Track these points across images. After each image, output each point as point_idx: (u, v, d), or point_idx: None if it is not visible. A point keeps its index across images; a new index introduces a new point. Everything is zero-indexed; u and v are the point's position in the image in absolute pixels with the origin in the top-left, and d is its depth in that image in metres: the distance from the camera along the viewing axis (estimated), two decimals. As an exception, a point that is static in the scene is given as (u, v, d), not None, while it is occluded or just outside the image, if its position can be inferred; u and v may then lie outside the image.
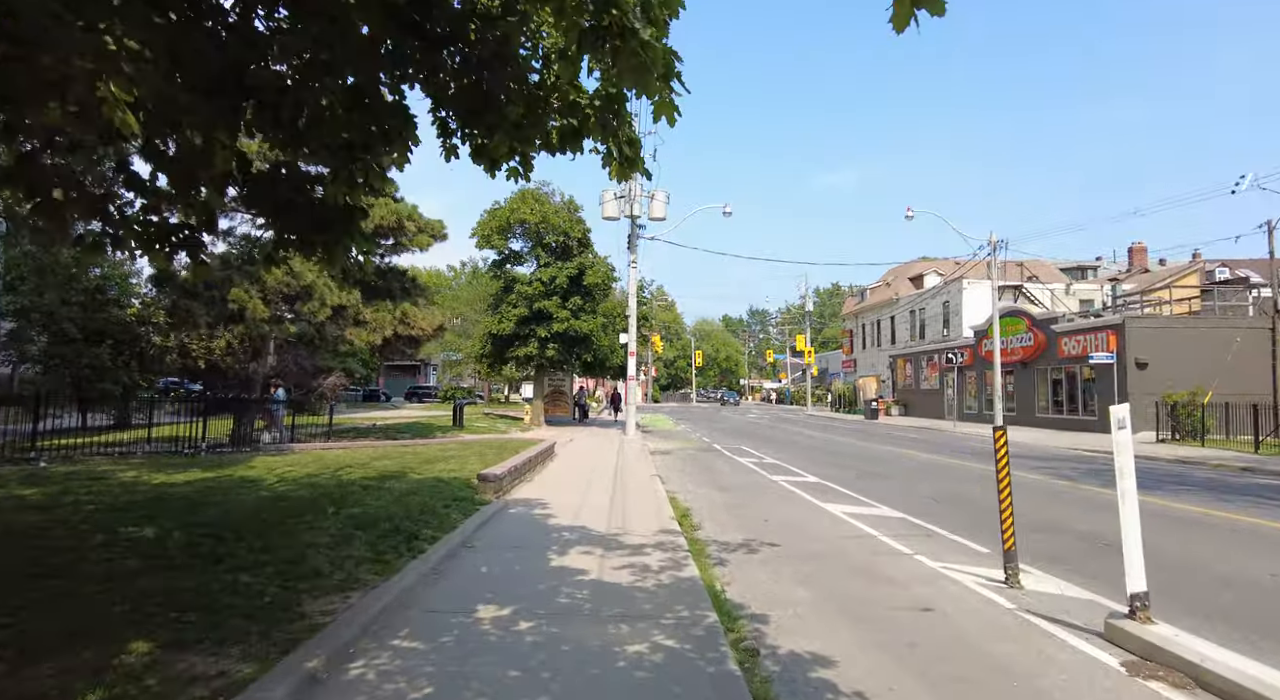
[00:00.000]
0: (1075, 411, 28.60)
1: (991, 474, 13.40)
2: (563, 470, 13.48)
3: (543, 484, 11.43)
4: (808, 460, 16.61)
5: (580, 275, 29.33)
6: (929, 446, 21.01)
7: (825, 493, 11.31)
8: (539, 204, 29.11)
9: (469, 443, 17.08)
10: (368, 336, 16.99)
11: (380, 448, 14.84)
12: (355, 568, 5.22)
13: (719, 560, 6.80)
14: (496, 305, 31.15)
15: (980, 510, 9.53)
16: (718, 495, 11.19)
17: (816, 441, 22.98)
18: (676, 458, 17.64)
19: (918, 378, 42.98)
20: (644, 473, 13.31)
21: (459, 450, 14.29)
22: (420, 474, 10.24)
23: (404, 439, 20.68)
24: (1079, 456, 18.16)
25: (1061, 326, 29.25)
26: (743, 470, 14.75)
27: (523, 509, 8.84)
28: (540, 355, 28.82)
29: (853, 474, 13.82)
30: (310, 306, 15.91)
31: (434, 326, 17.99)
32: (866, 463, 15.98)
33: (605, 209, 24.37)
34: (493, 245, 29.63)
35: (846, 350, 58.57)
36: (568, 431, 26.55)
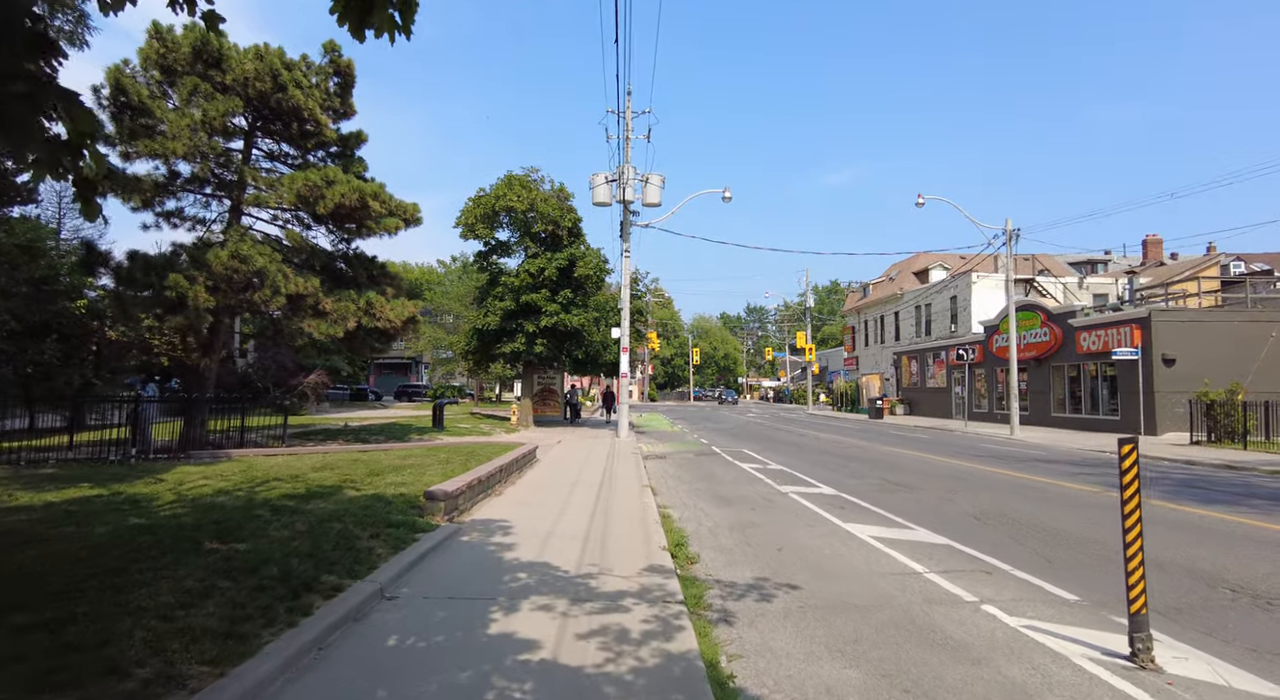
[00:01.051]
0: (1094, 410, 26.96)
1: (1034, 485, 11.68)
2: (540, 481, 11.76)
3: (513, 499, 9.70)
4: (818, 466, 14.91)
5: (571, 266, 27.58)
6: (947, 449, 19.33)
7: (846, 509, 9.61)
8: (526, 190, 27.36)
9: (441, 447, 15.36)
10: (328, 329, 15.26)
11: (335, 454, 13.10)
12: (185, 649, 3.49)
13: (723, 615, 5.09)
14: (482, 299, 29.40)
15: (1040, 534, 7.84)
16: (719, 512, 9.48)
17: (824, 443, 21.30)
18: (672, 463, 15.93)
19: (923, 375, 41.34)
20: (634, 483, 11.59)
21: (424, 457, 12.56)
22: (361, 489, 8.51)
23: (373, 442, 18.94)
24: (1111, 460, 16.48)
25: (1080, 321, 27.59)
26: (746, 478, 13.05)
27: (479, 536, 7.11)
28: (528, 351, 27.08)
29: (872, 484, 12.11)
30: (261, 295, 14.16)
31: (403, 319, 16.18)
32: (884, 470, 14.29)
33: (596, 194, 22.64)
34: (477, 235, 27.87)
35: (848, 347, 56.91)
36: (556, 433, 24.82)
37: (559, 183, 28.83)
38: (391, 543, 6.12)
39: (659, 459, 16.94)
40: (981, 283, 37.79)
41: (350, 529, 6.28)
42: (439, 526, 7.16)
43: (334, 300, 15.59)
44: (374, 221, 16.41)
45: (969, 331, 37.49)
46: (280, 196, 15.29)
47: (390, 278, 17.90)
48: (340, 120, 18.56)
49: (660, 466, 15.21)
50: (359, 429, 22.71)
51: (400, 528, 6.70)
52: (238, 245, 14.26)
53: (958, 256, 48.97)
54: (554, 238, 28.54)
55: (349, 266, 17.62)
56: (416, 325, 17.46)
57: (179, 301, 13.58)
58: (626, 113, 23.05)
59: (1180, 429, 23.13)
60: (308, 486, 8.29)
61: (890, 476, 13.08)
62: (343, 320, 15.54)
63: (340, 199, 15.06)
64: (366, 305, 15.76)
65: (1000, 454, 17.96)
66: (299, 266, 17.01)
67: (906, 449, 19.38)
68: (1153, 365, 23.64)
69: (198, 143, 13.86)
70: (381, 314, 15.86)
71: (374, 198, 15.98)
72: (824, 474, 13.53)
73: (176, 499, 7.29)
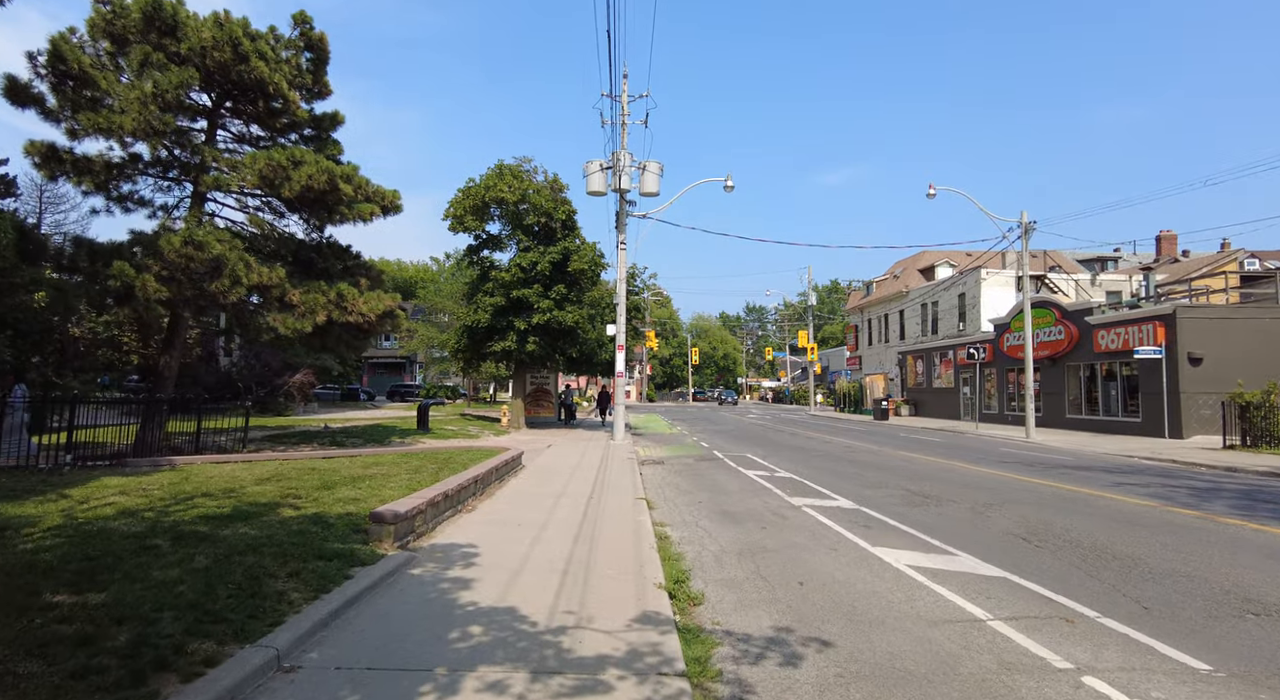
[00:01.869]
0: (1113, 412, 25.70)
1: (1077, 497, 10.36)
2: (523, 492, 10.47)
3: (487, 516, 8.41)
4: (829, 473, 13.63)
5: (564, 261, 26.29)
6: (963, 453, 18.06)
7: (871, 528, 8.32)
8: (518, 181, 26.07)
9: (417, 453, 14.06)
10: (295, 323, 13.95)
11: (295, 461, 11.78)
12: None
13: (739, 690, 3.80)
14: (472, 295, 28.11)
15: (1113, 563, 6.55)
16: (725, 531, 8.19)
17: (832, 447, 20.02)
18: (671, 470, 14.64)
19: (930, 375, 40.09)
20: (628, 495, 10.30)
21: (393, 465, 11.25)
22: (302, 507, 7.21)
23: (349, 447, 17.62)
24: (1152, 467, 15.21)
25: (1097, 319, 26.34)
26: (753, 488, 11.76)
27: (434, 568, 5.82)
28: (519, 350, 25.79)
29: (894, 495, 10.83)
30: (220, 285, 12.86)
31: (378, 312, 14.85)
32: (903, 478, 13.01)
33: (590, 183, 21.33)
34: (466, 227, 26.58)
35: (851, 347, 55.65)
36: (548, 436, 23.53)
37: (553, 173, 27.58)
38: (315, 582, 4.82)
39: (656, 465, 15.66)
40: (991, 280, 36.53)
41: (265, 564, 4.99)
42: (385, 557, 5.86)
43: (302, 292, 14.28)
44: (346, 207, 15.10)
45: (978, 330, 36.24)
46: (243, 178, 13.98)
47: (365, 268, 16.61)
48: (314, 100, 17.28)
49: (658, 474, 13.92)
50: (339, 431, 21.42)
51: (334, 560, 5.40)
52: (193, 231, 12.96)
53: (964, 253, 47.76)
54: (547, 231, 27.25)
55: (321, 256, 16.32)
56: (395, 320, 16.15)
57: (125, 292, 12.28)
58: (623, 95, 21.78)
59: (1208, 432, 21.89)
60: (237, 504, 6.99)
61: (911, 486, 11.80)
62: (311, 314, 14.22)
63: (308, 181, 13.75)
64: (337, 297, 14.45)
65: (1024, 459, 16.69)
66: (266, 256, 15.73)
67: (921, 453, 18.10)
68: (1177, 364, 22.39)
69: (148, 117, 12.54)
70: (354, 307, 14.55)
71: (345, 180, 14.67)
72: (838, 483, 12.24)
73: (61, 524, 5.98)
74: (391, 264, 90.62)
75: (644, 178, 21.43)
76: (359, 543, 6.09)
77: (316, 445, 17.88)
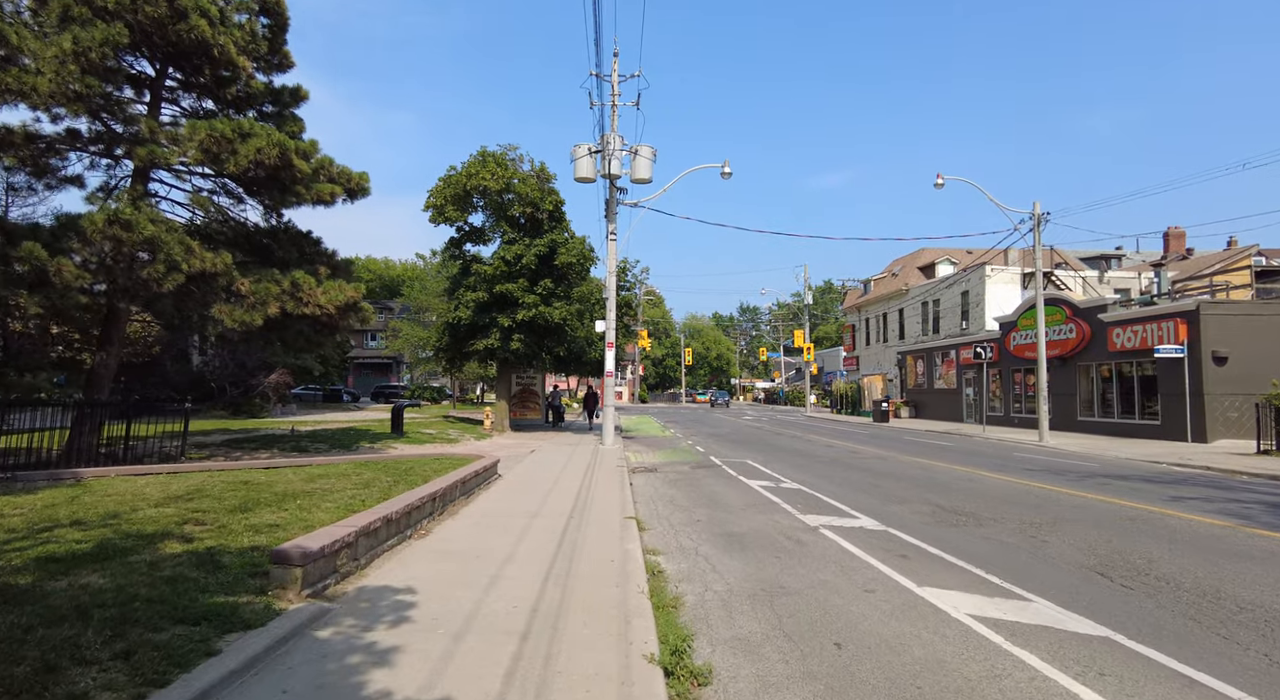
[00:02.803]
0: (1129, 414, 24.43)
1: (1136, 515, 8.89)
2: (492, 510, 8.97)
3: (441, 544, 6.92)
4: (842, 484, 12.19)
5: (551, 254, 24.79)
6: (981, 460, 16.68)
7: (909, 558, 6.87)
8: (502, 169, 24.53)
9: (378, 462, 12.51)
10: (243, 315, 12.41)
11: (229, 471, 10.20)
12: None
13: None
14: (453, 290, 26.57)
15: (1237, 612, 5.10)
16: (732, 564, 6.73)
17: (837, 452, 18.59)
18: (664, 479, 13.17)
19: (931, 376, 38.81)
20: (615, 512, 8.82)
21: (342, 477, 9.71)
22: (196, 540, 5.68)
23: (311, 452, 16.08)
24: (1195, 476, 13.86)
25: (1111, 316, 25.07)
26: (758, 502, 10.30)
27: (348, 631, 4.31)
28: (503, 348, 24.26)
29: (922, 512, 9.40)
30: (153, 271, 11.31)
31: (337, 304, 13.29)
32: (926, 489, 11.58)
33: (578, 168, 19.83)
34: (447, 218, 25.00)
35: (848, 347, 54.37)
36: (533, 439, 22.01)
37: (539, 162, 26.07)
38: (155, 667, 3.31)
39: (649, 472, 14.18)
40: (996, 277, 35.27)
41: (85, 640, 3.47)
42: (282, 614, 4.34)
43: (252, 281, 12.71)
44: (303, 186, 13.54)
45: (982, 329, 34.98)
46: (184, 153, 12.40)
47: (326, 256, 15.04)
48: (274, 72, 15.76)
49: (650, 484, 12.44)
50: (305, 435, 19.82)
51: (203, 623, 3.89)
52: (122, 209, 11.38)
53: (964, 251, 46.58)
54: (533, 222, 25.74)
55: (278, 243, 14.76)
56: (360, 313, 14.59)
57: (38, 277, 10.69)
58: (613, 74, 20.29)
59: (1235, 435, 20.63)
60: (110, 536, 5.46)
61: (940, 500, 10.37)
62: (262, 305, 12.66)
63: (256, 155, 12.18)
64: (291, 287, 12.88)
65: (1048, 466, 15.32)
66: (217, 242, 14.16)
67: (934, 459, 16.70)
68: (1201, 363, 21.12)
69: (68, 79, 10.95)
70: (310, 298, 12.99)
71: (302, 157, 13.12)
72: (854, 496, 10.79)
73: None
74: (379, 262, 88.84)
75: (635, 163, 19.96)
76: (253, 591, 4.58)
77: (276, 451, 16.32)
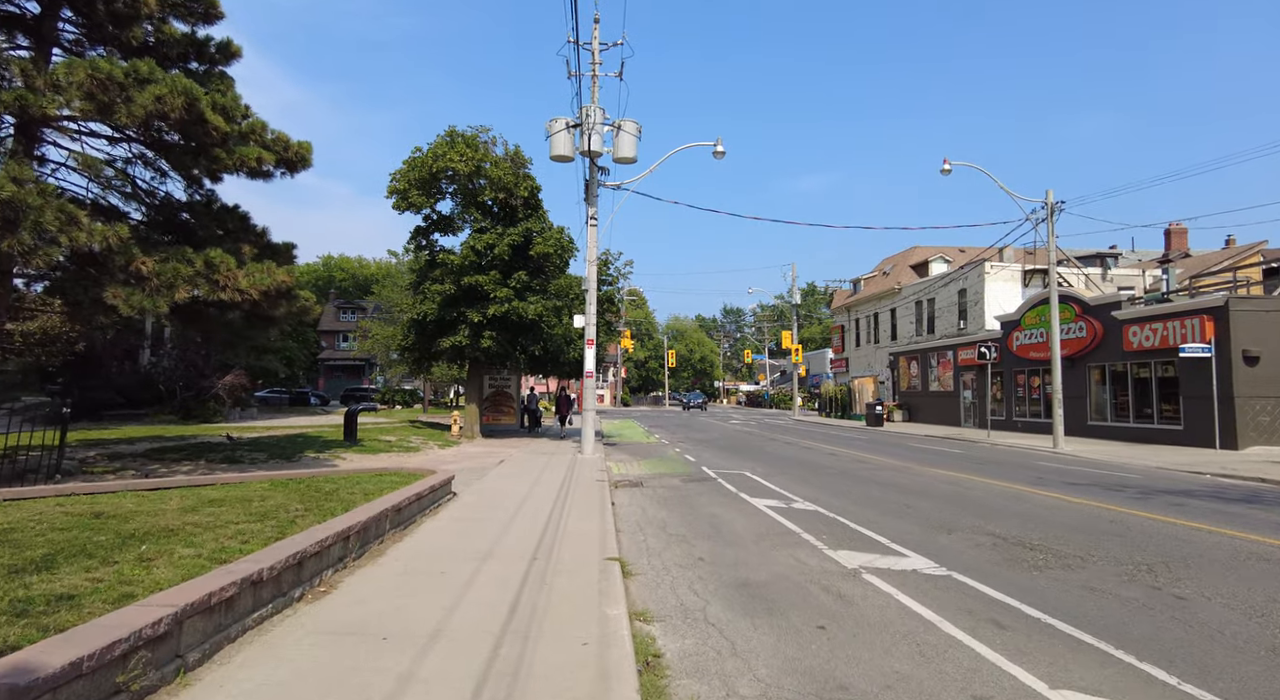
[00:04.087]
0: (1145, 418, 22.85)
1: (1251, 549, 6.30)
2: (426, 552, 6.87)
3: (339, 615, 4.83)
4: (866, 504, 10.24)
5: (527, 244, 22.67)
6: (1008, 471, 14.86)
7: (1010, 627, 4.89)
8: (472, 150, 22.36)
9: (305, 478, 10.31)
10: (144, 300, 10.20)
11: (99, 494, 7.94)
12: None
13: None
14: (419, 283, 24.33)
15: None
16: (759, 640, 4.71)
17: (843, 462, 16.69)
18: (653, 497, 11.13)
19: (926, 378, 37.20)
20: (592, 550, 6.76)
21: (242, 504, 7.52)
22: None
23: (242, 465, 13.84)
24: (1252, 490, 12.11)
25: (1127, 313, 23.51)
26: (773, 532, 8.30)
27: None
28: (472, 346, 22.07)
29: (982, 545, 7.46)
30: (16, 242, 9.08)
31: (262, 289, 11.06)
32: (970, 512, 9.67)
33: (554, 145, 17.74)
34: (412, 204, 22.74)
35: (837, 348, 52.76)
36: (504, 447, 19.85)
37: (514, 145, 23.93)
38: None
39: (633, 488, 12.14)
40: (996, 274, 33.73)
41: None
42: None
43: (156, 260, 10.47)
44: (223, 149, 11.31)
45: (981, 329, 33.41)
46: (67, 102, 10.14)
47: (253, 234, 12.80)
48: (199, 22, 13.53)
49: (636, 503, 10.39)
50: (245, 444, 17.50)
51: None
52: (-21, 167, 9.11)
53: (957, 249, 45.21)
54: (506, 209, 23.60)
55: (197, 218, 12.52)
56: (293, 301, 12.36)
57: None
58: (593, 40, 18.25)
59: (1268, 441, 19.08)
60: None
61: (994, 527, 8.44)
62: (168, 288, 10.42)
63: (157, 106, 9.95)
64: (205, 268, 10.65)
65: (1090, 479, 13.52)
66: (121, 216, 11.91)
67: (954, 470, 14.85)
68: (1230, 364, 19.54)
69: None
70: (228, 281, 10.76)
71: (221, 113, 10.89)
72: (887, 522, 8.83)
73: None
74: (352, 261, 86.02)
75: (619, 140, 17.92)
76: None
77: (201, 463, 14.06)
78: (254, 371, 48.14)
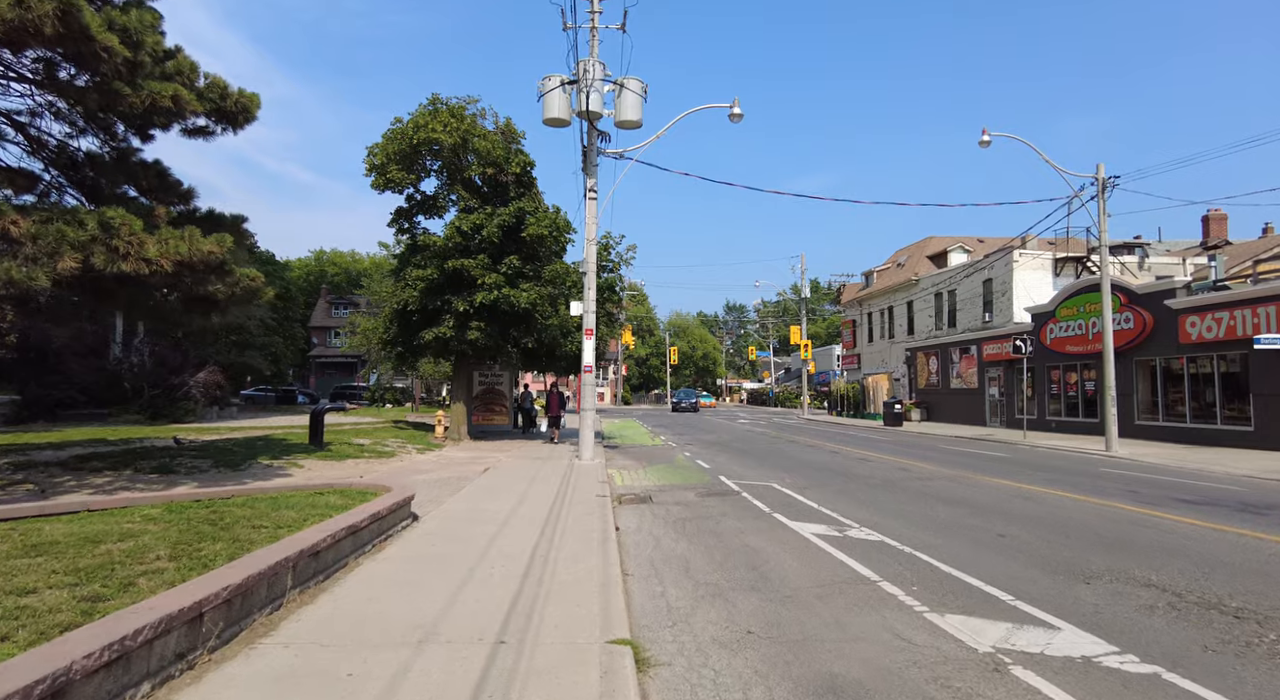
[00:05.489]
0: (1205, 417, 20.59)
1: None
2: (336, 630, 4.63)
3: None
4: (946, 531, 7.99)
5: (519, 225, 20.39)
6: (1081, 481, 12.62)
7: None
8: (457, 121, 20.06)
9: (224, 499, 8.08)
10: (13, 270, 8.00)
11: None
12: None
13: None
14: (400, 270, 22.06)
15: None
16: None
17: (886, 470, 14.45)
18: (667, 519, 8.88)
19: (946, 374, 34.95)
20: (588, 620, 4.51)
21: (88, 547, 5.29)
22: None
23: (178, 474, 11.62)
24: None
25: (1182, 302, 21.26)
26: (841, 580, 6.06)
27: None
28: (457, 338, 19.81)
29: (1157, 607, 5.23)
30: None
31: (176, 259, 8.81)
32: (1096, 545, 7.43)
33: (548, 106, 15.47)
34: (390, 180, 20.44)
35: (847, 344, 50.49)
36: (492, 451, 17.59)
37: (505, 118, 21.66)
38: None
39: (641, 505, 9.90)
40: (1026, 262, 31.45)
41: None
42: None
43: (35, 220, 8.22)
44: (127, 85, 9.04)
45: (1009, 321, 31.15)
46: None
47: (176, 195, 10.53)
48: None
49: (646, 530, 8.14)
50: (192, 449, 15.24)
51: None
52: None
53: (976, 239, 42.94)
54: (496, 187, 21.32)
55: (103, 174, 10.24)
56: (228, 276, 10.09)
57: None
58: (592, -15, 15.95)
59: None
60: None
61: (1150, 574, 6.18)
62: (50, 256, 8.18)
63: (18, 12, 7.69)
64: (102, 231, 8.40)
65: (1196, 494, 11.26)
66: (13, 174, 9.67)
67: (1015, 479, 12.61)
68: (1313, 357, 17.31)
69: None
70: (132, 249, 8.50)
71: (117, 32, 8.61)
72: (992, 563, 6.58)
73: None
74: (345, 255, 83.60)
75: (621, 100, 15.65)
76: None
77: (128, 474, 11.81)
78: (237, 368, 45.86)
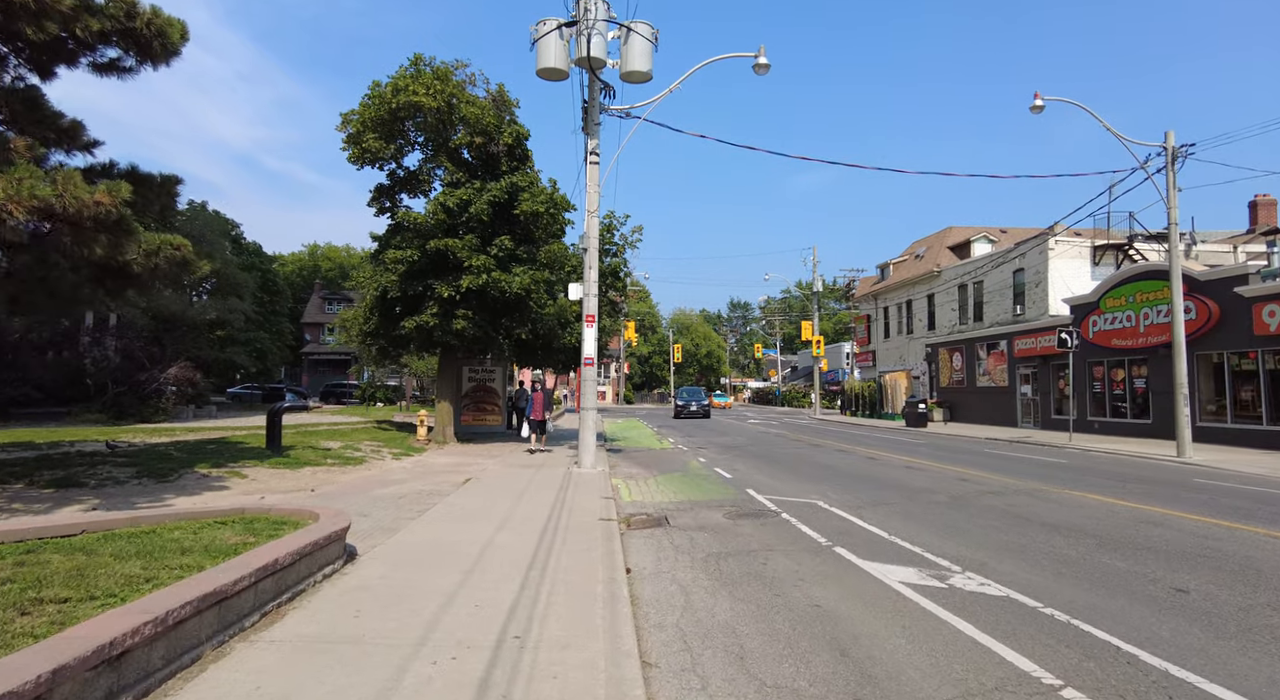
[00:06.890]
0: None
1: None
2: None
3: None
4: (1078, 574, 5.74)
5: (511, 201, 18.13)
6: (1186, 497, 10.37)
7: None
8: (442, 83, 17.78)
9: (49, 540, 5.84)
10: None
11: None
12: None
13: None
14: (379, 252, 19.80)
15: None
16: None
17: (940, 480, 12.20)
18: (692, 554, 6.63)
19: (972, 371, 32.67)
20: None
21: None
22: None
23: (79, 492, 9.40)
24: None
25: (1256, 289, 18.99)
26: (995, 681, 3.82)
27: None
28: (441, 328, 17.56)
29: None
30: None
31: (37, 206, 6.60)
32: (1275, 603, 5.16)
33: (542, 54, 13.21)
34: (367, 151, 18.16)
35: (861, 340, 48.20)
36: (479, 457, 15.33)
37: (497, 84, 19.37)
38: None
39: (655, 530, 7.65)
40: (1063, 250, 29.14)
41: None
42: None
43: None
44: None
45: (1044, 314, 28.84)
46: None
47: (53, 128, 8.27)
48: None
49: (668, 577, 5.88)
50: (125, 454, 13.02)
51: None
52: None
53: (999, 229, 40.63)
54: (486, 159, 19.04)
55: None
56: (130, 236, 7.85)
57: None
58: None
59: None
60: None
61: None
62: None
63: None
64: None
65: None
66: None
67: (1110, 495, 10.36)
68: None
69: None
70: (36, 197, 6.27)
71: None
72: (1188, 633, 4.34)
73: None
74: (339, 250, 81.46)
75: (628, 47, 13.39)
76: None
77: (21, 488, 9.60)
78: (220, 365, 43.69)
